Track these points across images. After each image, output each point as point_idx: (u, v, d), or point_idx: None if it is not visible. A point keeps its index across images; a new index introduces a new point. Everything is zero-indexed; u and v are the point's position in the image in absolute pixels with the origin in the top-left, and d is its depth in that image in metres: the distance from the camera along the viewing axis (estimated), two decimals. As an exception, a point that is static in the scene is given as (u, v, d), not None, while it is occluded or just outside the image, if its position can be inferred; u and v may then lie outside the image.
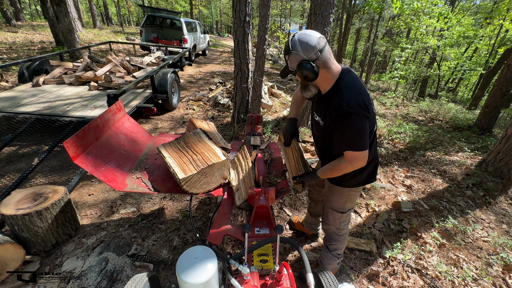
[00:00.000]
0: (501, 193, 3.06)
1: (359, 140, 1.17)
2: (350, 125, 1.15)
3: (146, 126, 4.34)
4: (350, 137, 1.18)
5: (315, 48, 1.11)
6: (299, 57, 1.13)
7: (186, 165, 1.60)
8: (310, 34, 1.13)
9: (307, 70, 1.13)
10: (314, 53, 1.11)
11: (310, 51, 1.11)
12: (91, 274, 1.64)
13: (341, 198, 1.51)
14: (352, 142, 1.18)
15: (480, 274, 2.01)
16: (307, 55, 1.12)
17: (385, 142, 4.42)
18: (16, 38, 9.88)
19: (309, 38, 1.11)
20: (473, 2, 17.37)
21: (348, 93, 1.15)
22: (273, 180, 1.91)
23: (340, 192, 1.49)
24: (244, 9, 3.53)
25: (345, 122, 1.15)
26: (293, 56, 1.15)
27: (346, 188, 1.47)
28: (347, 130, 1.17)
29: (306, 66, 1.12)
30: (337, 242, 1.67)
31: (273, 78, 8.73)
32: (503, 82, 4.74)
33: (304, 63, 1.12)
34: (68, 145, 1.43)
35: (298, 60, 1.15)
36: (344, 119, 1.14)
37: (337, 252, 1.71)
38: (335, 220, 1.59)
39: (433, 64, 10.74)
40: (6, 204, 1.78)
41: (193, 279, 0.91)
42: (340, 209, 1.54)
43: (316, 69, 1.13)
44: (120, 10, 21.74)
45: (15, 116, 3.07)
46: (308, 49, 1.11)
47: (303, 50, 1.12)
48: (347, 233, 1.68)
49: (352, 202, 1.53)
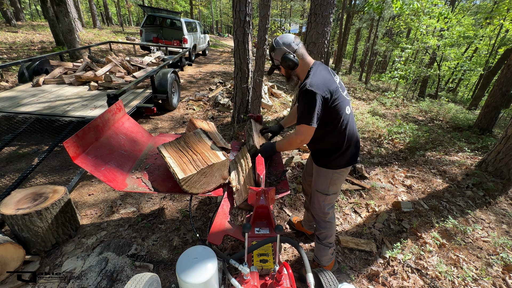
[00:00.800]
0: (501, 193, 3.05)
1: (307, 114, 1.36)
2: (305, 100, 1.36)
3: (146, 126, 4.34)
4: (302, 111, 1.38)
5: (292, 43, 1.44)
6: (282, 51, 1.44)
7: (186, 165, 1.60)
8: (287, 35, 1.47)
9: (289, 59, 1.41)
10: (293, 46, 1.44)
11: (290, 45, 1.44)
12: (91, 274, 1.64)
13: (325, 180, 1.64)
14: (301, 116, 1.38)
15: (480, 274, 2.01)
16: (288, 48, 1.44)
17: (385, 142, 4.42)
18: (16, 38, 9.88)
19: (287, 36, 1.47)
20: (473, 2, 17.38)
21: (313, 76, 1.41)
22: (273, 180, 1.91)
23: (325, 174, 1.62)
24: (244, 9, 3.53)
25: (303, 98, 1.37)
26: (277, 51, 1.46)
27: (331, 170, 1.60)
28: (302, 104, 1.38)
29: (288, 56, 1.42)
30: (325, 229, 1.76)
31: (273, 78, 8.73)
32: (503, 82, 4.74)
33: (286, 54, 1.42)
34: (68, 145, 1.43)
35: (281, 53, 1.45)
36: (303, 95, 1.37)
37: (327, 241, 1.78)
38: (320, 203, 1.70)
39: (433, 64, 10.74)
40: (6, 204, 1.78)
41: (193, 279, 0.91)
42: (324, 191, 1.66)
43: (295, 58, 1.43)
44: (120, 10, 21.74)
45: (15, 116, 3.07)
46: (288, 44, 1.44)
47: (284, 45, 1.44)
48: (332, 218, 1.77)
49: (336, 186, 1.65)
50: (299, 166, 3.31)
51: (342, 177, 1.64)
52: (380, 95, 9.08)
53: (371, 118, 5.39)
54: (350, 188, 2.95)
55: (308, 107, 1.36)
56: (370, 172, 3.38)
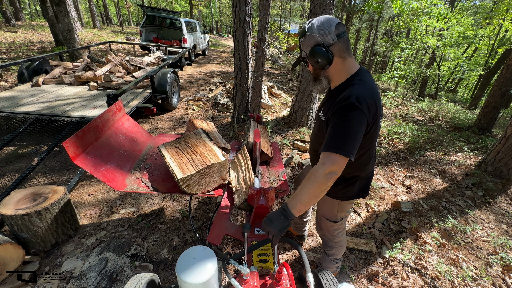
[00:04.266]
0: (501, 193, 3.06)
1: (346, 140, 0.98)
2: (349, 121, 0.99)
3: (146, 126, 4.34)
4: (343, 134, 0.99)
5: (332, 32, 1.02)
6: (314, 40, 1.04)
7: (185, 165, 1.60)
8: (329, 18, 1.05)
9: (320, 54, 1.03)
10: (331, 37, 1.02)
11: (327, 34, 1.02)
12: (91, 274, 1.64)
13: (332, 208, 1.42)
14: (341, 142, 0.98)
15: (479, 274, 2.01)
16: (323, 38, 1.03)
17: (385, 142, 4.43)
18: (16, 38, 9.86)
19: (327, 20, 1.03)
20: (473, 2, 17.39)
21: (362, 88, 1.02)
22: (273, 180, 1.91)
23: (331, 202, 1.40)
24: (244, 9, 3.53)
25: (345, 117, 0.99)
26: (307, 38, 1.06)
27: (337, 199, 1.37)
28: (343, 126, 1.00)
29: (319, 49, 1.03)
30: (333, 248, 1.63)
31: (273, 78, 8.73)
32: (502, 82, 4.74)
33: (318, 47, 1.03)
34: (67, 145, 1.43)
35: (312, 44, 1.05)
36: (346, 112, 0.99)
37: (335, 257, 1.67)
38: (328, 228, 1.53)
39: (432, 64, 10.75)
40: (6, 204, 1.78)
41: (193, 279, 0.91)
42: (332, 218, 1.46)
43: (330, 54, 1.04)
44: (119, 10, 21.72)
45: (15, 116, 3.07)
46: (324, 32, 1.02)
47: (319, 33, 1.03)
48: (343, 240, 1.61)
49: (344, 212, 1.44)
50: (299, 166, 3.31)
51: (350, 204, 1.43)
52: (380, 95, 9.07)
53: (370, 118, 5.38)
54: (350, 188, 2.95)
55: (348, 130, 0.98)
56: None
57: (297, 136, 4.07)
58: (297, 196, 1.04)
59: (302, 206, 1.03)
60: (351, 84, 1.07)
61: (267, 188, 1.50)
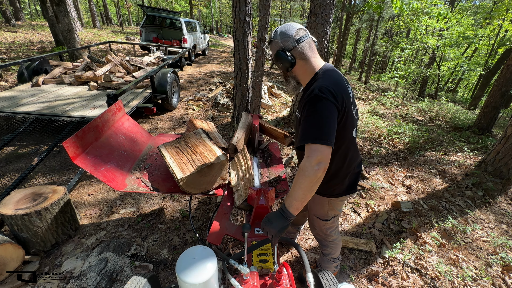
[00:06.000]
0: (501, 193, 3.06)
1: (320, 128, 1.01)
2: (317, 111, 1.03)
3: (146, 126, 4.34)
4: (315, 124, 1.02)
5: (291, 38, 1.14)
6: (277, 45, 1.17)
7: (185, 165, 1.60)
8: (290, 25, 1.17)
9: (282, 58, 1.16)
10: (291, 42, 1.14)
11: (287, 40, 1.14)
12: (91, 274, 1.64)
13: (322, 206, 1.43)
14: (311, 132, 1.02)
15: (479, 274, 2.01)
16: (284, 43, 1.15)
17: (385, 142, 4.43)
18: (16, 38, 9.86)
19: (287, 28, 1.16)
20: (473, 2, 17.39)
21: (324, 80, 1.09)
22: (273, 180, 1.91)
23: (321, 201, 1.41)
24: (244, 9, 3.53)
25: (311, 107, 1.05)
26: (273, 45, 1.20)
27: (326, 197, 1.37)
28: (313, 116, 1.04)
29: (281, 54, 1.15)
30: (327, 247, 1.64)
31: (273, 78, 8.73)
32: (502, 82, 4.74)
33: (280, 51, 1.15)
34: (67, 145, 1.43)
35: (276, 48, 1.18)
36: (312, 104, 1.04)
37: (332, 256, 1.68)
38: (321, 227, 1.54)
39: (432, 64, 10.75)
40: (6, 204, 1.78)
41: (193, 279, 0.91)
42: (323, 217, 1.47)
43: (290, 58, 1.15)
44: (119, 10, 21.72)
45: (15, 116, 3.07)
46: (285, 38, 1.15)
47: (281, 39, 1.15)
48: (337, 238, 1.61)
49: (335, 210, 1.44)
50: (298, 166, 3.30)
51: (341, 202, 1.44)
52: (380, 95, 9.09)
53: (370, 118, 5.39)
54: (350, 188, 2.95)
55: (319, 119, 1.02)
56: (369, 172, 3.38)
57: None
58: (292, 194, 1.05)
59: (298, 203, 1.04)
60: (315, 79, 1.16)
61: (267, 188, 1.50)
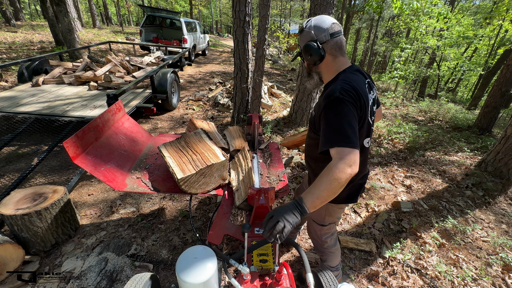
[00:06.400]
0: (501, 193, 3.06)
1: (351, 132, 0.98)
2: (340, 114, 1.00)
3: (146, 126, 4.34)
4: (340, 128, 0.99)
5: (326, 31, 1.10)
6: (309, 36, 1.13)
7: (186, 165, 1.60)
8: (326, 17, 1.13)
9: (312, 50, 1.11)
10: (325, 35, 1.11)
11: (321, 32, 1.11)
12: (91, 274, 1.64)
13: (319, 210, 1.30)
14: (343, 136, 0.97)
15: (479, 274, 2.01)
16: (318, 35, 1.11)
17: (385, 142, 4.43)
18: (16, 38, 9.86)
19: (323, 20, 1.12)
20: (473, 2, 17.40)
21: (344, 82, 1.05)
22: (273, 180, 1.91)
23: None
24: (244, 9, 3.53)
25: (335, 111, 1.01)
26: (304, 34, 1.15)
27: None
28: (337, 119, 1.00)
29: (313, 45, 1.11)
30: (324, 254, 1.60)
31: (273, 78, 8.73)
32: (502, 82, 4.74)
33: (312, 42, 1.11)
34: (67, 145, 1.43)
35: (307, 39, 1.14)
36: (334, 107, 1.01)
37: (329, 264, 1.61)
38: (316, 232, 1.53)
39: (432, 64, 10.75)
40: (6, 204, 1.78)
41: (193, 278, 0.91)
42: (319, 222, 1.46)
43: (322, 51, 1.11)
44: (119, 10, 21.73)
45: (15, 116, 3.07)
46: (319, 30, 1.11)
47: (315, 30, 1.11)
48: (333, 246, 1.57)
49: (332, 217, 1.42)
50: (299, 166, 3.31)
51: (339, 210, 1.43)
52: (380, 95, 9.09)
53: (370, 118, 5.38)
54: (350, 188, 2.95)
55: (343, 122, 0.98)
56: (369, 172, 3.38)
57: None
58: (315, 192, 0.97)
59: (318, 201, 0.97)
60: (336, 79, 1.13)
61: (267, 188, 1.50)
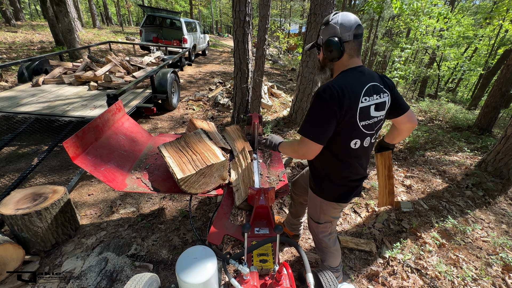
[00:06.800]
0: (501, 193, 3.06)
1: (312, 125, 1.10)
2: (314, 108, 1.10)
3: (146, 126, 4.34)
4: (310, 121, 1.11)
5: (351, 31, 1.10)
6: (334, 31, 1.12)
7: (185, 165, 1.60)
8: (352, 17, 1.12)
9: (334, 46, 1.11)
10: (348, 34, 1.11)
11: (346, 31, 1.10)
12: (91, 274, 1.64)
13: (314, 207, 1.45)
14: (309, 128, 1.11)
15: (479, 274, 2.01)
16: (342, 33, 1.11)
17: (385, 142, 4.42)
18: (16, 38, 9.87)
19: (350, 19, 1.11)
20: (473, 2, 17.39)
21: (336, 81, 1.10)
22: (273, 180, 1.91)
23: (313, 200, 1.43)
24: (244, 9, 3.53)
25: (312, 105, 1.12)
26: (329, 28, 1.14)
27: (318, 197, 1.38)
28: (310, 112, 1.12)
29: (335, 42, 1.10)
30: (322, 253, 1.60)
31: (273, 78, 8.74)
32: (502, 82, 4.74)
33: (335, 39, 1.11)
34: (67, 145, 1.43)
35: (331, 34, 1.13)
36: (313, 101, 1.11)
37: (329, 264, 1.60)
38: (313, 229, 1.55)
39: (432, 64, 10.75)
40: (6, 204, 1.78)
41: (193, 279, 0.91)
42: (315, 219, 1.49)
43: (342, 49, 1.12)
44: (119, 10, 21.73)
45: (15, 116, 3.07)
46: (345, 28, 1.10)
47: (341, 27, 1.11)
48: (332, 247, 1.56)
49: (327, 216, 1.43)
50: (299, 166, 3.31)
51: (334, 209, 1.40)
52: (380, 95, 9.06)
53: (370, 118, 5.37)
54: (350, 188, 2.95)
55: (312, 117, 1.10)
56: (369, 172, 3.38)
57: (297, 136, 4.07)
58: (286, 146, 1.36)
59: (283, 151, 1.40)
60: (337, 76, 1.17)
61: (267, 188, 1.50)
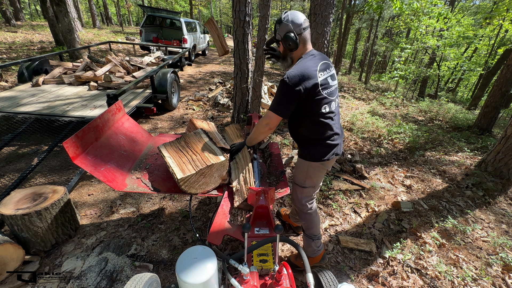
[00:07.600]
0: (501, 193, 3.06)
1: (277, 103, 1.41)
2: (279, 89, 1.39)
3: (146, 126, 4.34)
4: (275, 98, 1.43)
5: (301, 25, 1.40)
6: (288, 28, 1.40)
7: (185, 165, 1.60)
8: (298, 13, 1.41)
9: (291, 39, 1.39)
10: (300, 29, 1.40)
11: (297, 26, 1.40)
12: (91, 274, 1.64)
13: (301, 171, 1.64)
14: (273, 103, 1.43)
15: (479, 274, 2.01)
16: (294, 28, 1.39)
17: (385, 142, 4.43)
18: (16, 38, 9.87)
19: (297, 16, 1.41)
20: (473, 2, 17.39)
21: (295, 67, 1.39)
22: (273, 180, 1.91)
23: (301, 165, 1.63)
24: (244, 9, 3.53)
25: (279, 86, 1.39)
26: (283, 26, 1.41)
27: (305, 161, 1.59)
28: (277, 93, 1.41)
29: (292, 36, 1.39)
30: (305, 220, 1.75)
31: (273, 78, 8.74)
32: (502, 82, 4.74)
33: (291, 34, 1.39)
34: (67, 145, 1.43)
35: (286, 31, 1.41)
36: (280, 83, 1.38)
37: (310, 232, 1.77)
38: (297, 195, 1.71)
39: (432, 64, 10.75)
40: (6, 204, 1.78)
41: (193, 279, 0.91)
42: (300, 183, 1.67)
43: (297, 41, 1.41)
44: (119, 10, 21.73)
45: (15, 116, 3.07)
46: (296, 24, 1.39)
47: (292, 24, 1.39)
48: (313, 212, 1.74)
49: (312, 180, 1.63)
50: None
51: (318, 172, 1.61)
52: (380, 95, 9.09)
53: (370, 118, 5.39)
54: (350, 188, 2.95)
55: (279, 97, 1.41)
56: (369, 172, 3.38)
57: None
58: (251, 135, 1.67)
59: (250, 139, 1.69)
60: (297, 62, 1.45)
61: (267, 188, 1.50)
